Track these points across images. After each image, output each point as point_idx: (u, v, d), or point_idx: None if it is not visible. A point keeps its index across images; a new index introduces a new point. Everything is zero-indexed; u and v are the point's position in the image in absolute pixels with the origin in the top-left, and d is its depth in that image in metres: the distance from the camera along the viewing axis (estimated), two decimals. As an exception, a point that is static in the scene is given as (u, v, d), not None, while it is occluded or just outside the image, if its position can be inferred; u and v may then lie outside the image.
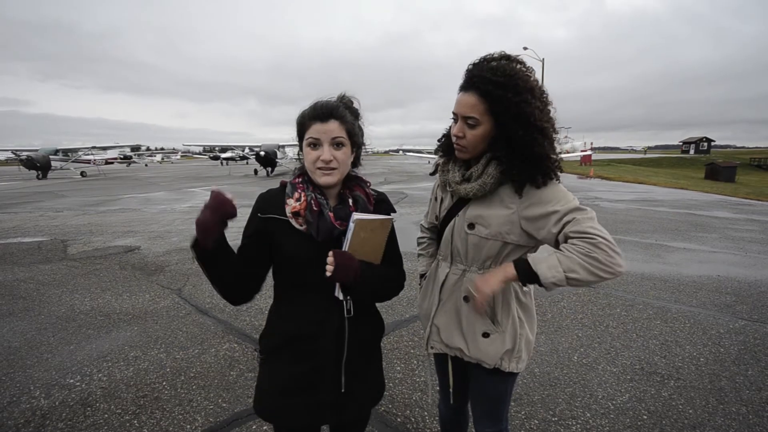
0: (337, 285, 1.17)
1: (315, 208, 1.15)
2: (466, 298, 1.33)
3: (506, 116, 1.15)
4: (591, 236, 1.07)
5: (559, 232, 1.14)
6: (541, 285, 1.10)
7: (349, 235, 1.14)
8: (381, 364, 1.40)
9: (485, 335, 1.31)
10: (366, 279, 1.15)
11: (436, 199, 1.49)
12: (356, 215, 1.13)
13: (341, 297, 1.19)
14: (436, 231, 1.53)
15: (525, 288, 1.36)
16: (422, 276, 1.59)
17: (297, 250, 1.17)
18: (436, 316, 1.43)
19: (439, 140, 1.45)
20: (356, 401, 1.28)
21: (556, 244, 1.16)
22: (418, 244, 1.64)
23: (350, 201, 1.23)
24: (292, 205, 1.17)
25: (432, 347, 1.47)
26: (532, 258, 1.12)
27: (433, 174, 1.51)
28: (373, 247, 1.19)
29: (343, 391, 1.22)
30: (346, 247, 1.15)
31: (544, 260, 1.09)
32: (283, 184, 1.26)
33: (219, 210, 1.05)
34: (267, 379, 1.26)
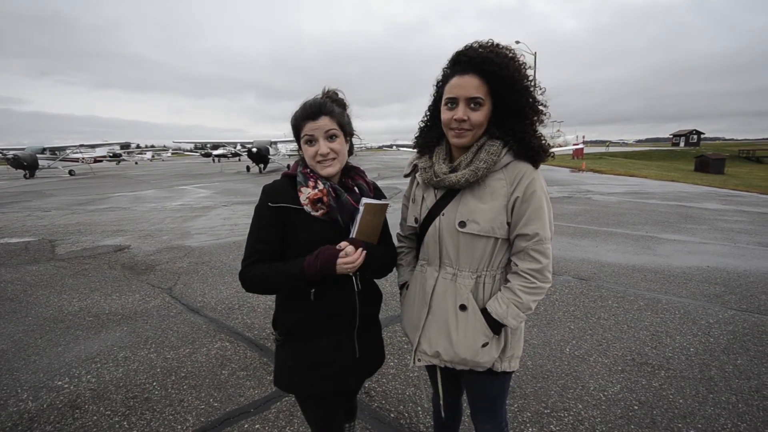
0: None
1: (333, 195, 1.28)
2: (462, 307, 1.28)
3: (509, 95, 1.19)
4: (540, 273, 1.25)
5: (521, 237, 1.24)
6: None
7: (358, 218, 1.26)
8: (381, 333, 1.57)
9: (485, 345, 1.28)
10: (372, 257, 1.29)
11: (414, 200, 1.43)
12: (364, 200, 1.27)
13: (350, 274, 1.30)
14: (414, 238, 1.49)
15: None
16: (403, 286, 1.54)
17: (313, 235, 1.26)
18: (426, 326, 1.36)
19: (415, 137, 1.42)
20: (368, 365, 1.46)
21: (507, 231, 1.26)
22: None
23: (356, 188, 1.36)
24: (309, 192, 1.26)
25: (419, 359, 1.40)
26: (497, 315, 1.25)
27: (408, 175, 1.47)
28: (373, 228, 1.33)
29: (357, 357, 1.38)
30: (355, 228, 1.27)
31: (507, 314, 1.25)
32: (288, 176, 1.34)
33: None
34: (289, 356, 1.37)
